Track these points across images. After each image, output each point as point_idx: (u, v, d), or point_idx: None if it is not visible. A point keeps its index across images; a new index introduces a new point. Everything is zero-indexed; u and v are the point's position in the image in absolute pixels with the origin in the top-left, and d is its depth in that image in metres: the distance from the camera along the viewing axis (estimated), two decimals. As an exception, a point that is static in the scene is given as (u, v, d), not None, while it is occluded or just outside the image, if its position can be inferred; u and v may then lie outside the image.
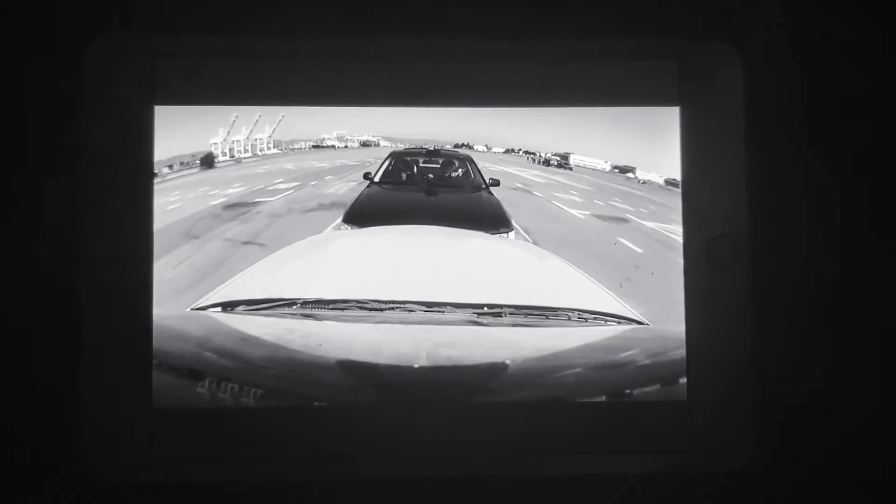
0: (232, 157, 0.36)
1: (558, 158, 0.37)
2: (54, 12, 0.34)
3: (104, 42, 0.33)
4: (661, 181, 0.36)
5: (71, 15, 0.34)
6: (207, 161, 0.35)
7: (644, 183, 0.36)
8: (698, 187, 0.35)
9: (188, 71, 0.34)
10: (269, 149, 0.36)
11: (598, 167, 0.37)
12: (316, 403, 0.34)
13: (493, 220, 0.37)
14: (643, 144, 0.35)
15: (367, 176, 0.38)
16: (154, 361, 0.33)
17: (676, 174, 0.35)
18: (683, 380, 0.34)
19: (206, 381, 0.34)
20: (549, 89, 0.35)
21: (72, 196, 0.33)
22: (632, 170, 0.36)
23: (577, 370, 0.35)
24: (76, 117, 0.33)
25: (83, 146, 0.33)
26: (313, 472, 0.34)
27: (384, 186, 0.38)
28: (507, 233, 0.37)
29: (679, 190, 0.35)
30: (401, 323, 0.35)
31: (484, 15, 0.35)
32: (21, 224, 0.34)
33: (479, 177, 0.38)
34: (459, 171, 0.38)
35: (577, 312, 0.36)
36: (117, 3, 0.34)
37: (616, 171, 0.36)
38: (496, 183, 0.38)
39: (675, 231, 0.35)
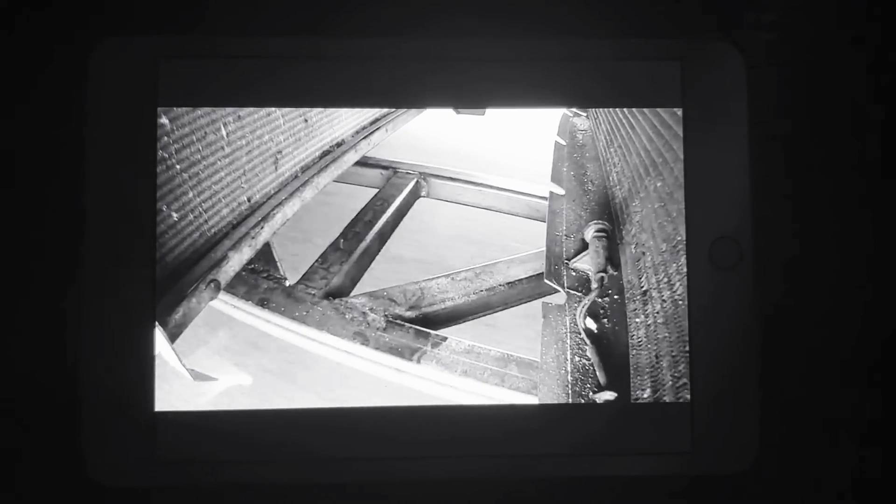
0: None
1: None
2: (58, 15, 0.34)
3: (108, 45, 0.33)
4: None
5: (75, 18, 0.34)
6: None
7: None
8: (701, 188, 0.35)
9: (192, 73, 0.34)
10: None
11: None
12: (317, 405, 0.34)
13: None
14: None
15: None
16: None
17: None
18: (687, 381, 0.34)
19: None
20: (550, 90, 0.35)
21: (74, 197, 0.33)
22: None
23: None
24: (80, 119, 0.33)
25: (87, 148, 0.33)
26: (315, 473, 0.34)
27: None
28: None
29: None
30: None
31: (483, 15, 0.35)
32: (23, 225, 0.34)
33: None
34: None
35: None
36: (121, 5, 0.34)
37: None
38: None
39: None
